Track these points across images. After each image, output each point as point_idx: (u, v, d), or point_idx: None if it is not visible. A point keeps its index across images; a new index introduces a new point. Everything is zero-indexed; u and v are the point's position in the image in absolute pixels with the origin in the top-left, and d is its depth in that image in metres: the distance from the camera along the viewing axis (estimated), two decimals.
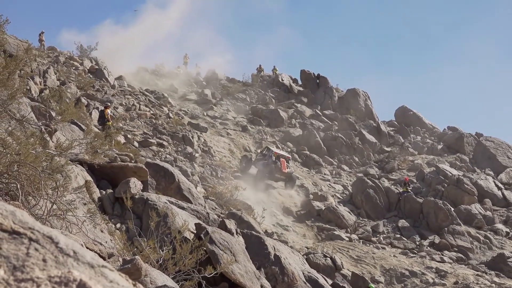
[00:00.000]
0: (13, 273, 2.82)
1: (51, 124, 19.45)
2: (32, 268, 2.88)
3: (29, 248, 3.00)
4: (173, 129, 50.22)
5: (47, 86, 39.53)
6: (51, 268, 2.90)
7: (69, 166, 13.76)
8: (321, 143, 60.94)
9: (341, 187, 51.86)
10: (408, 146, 64.94)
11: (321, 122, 68.04)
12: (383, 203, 45.52)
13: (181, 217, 18.42)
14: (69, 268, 2.94)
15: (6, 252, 2.94)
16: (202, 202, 25.46)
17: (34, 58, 16.77)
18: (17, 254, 2.94)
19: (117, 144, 29.71)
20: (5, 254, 2.92)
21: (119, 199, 18.85)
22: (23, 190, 11.43)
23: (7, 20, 14.98)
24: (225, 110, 67.69)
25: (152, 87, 68.13)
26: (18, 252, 2.96)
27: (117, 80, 60.72)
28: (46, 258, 2.96)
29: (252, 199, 41.05)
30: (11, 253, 2.94)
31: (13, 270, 2.84)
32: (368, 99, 76.87)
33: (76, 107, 33.90)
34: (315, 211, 42.93)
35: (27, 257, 2.94)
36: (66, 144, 14.47)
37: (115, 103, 50.32)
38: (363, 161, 60.47)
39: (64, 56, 59.51)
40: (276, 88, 78.67)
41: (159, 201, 19.04)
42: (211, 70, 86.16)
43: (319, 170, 56.01)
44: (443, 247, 39.45)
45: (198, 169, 43.58)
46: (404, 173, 56.37)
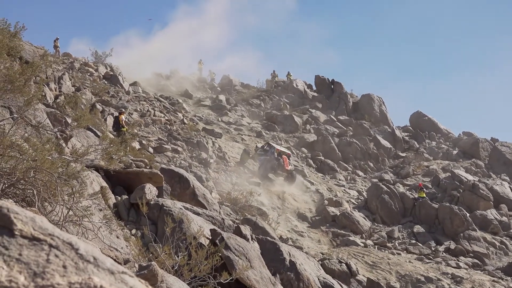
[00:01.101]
0: (33, 280, 2.83)
1: (67, 130, 19.51)
2: (53, 274, 2.88)
3: (49, 254, 3.01)
4: (188, 135, 50.26)
5: (62, 92, 39.62)
6: (71, 275, 2.91)
7: (85, 172, 13.80)
8: (336, 149, 60.85)
9: (356, 193, 51.73)
10: (423, 152, 64.77)
11: (336, 128, 67.98)
12: (398, 208, 45.38)
13: (196, 223, 18.41)
14: (90, 275, 2.94)
15: (27, 258, 2.95)
16: (217, 208, 25.45)
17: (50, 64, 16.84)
18: (37, 261, 2.95)
19: (132, 150, 29.77)
20: (25, 261, 2.93)
21: (134, 205, 18.86)
22: (39, 196, 11.46)
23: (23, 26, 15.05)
24: (240, 115, 67.73)
25: (166, 93, 68.28)
26: (39, 258, 2.97)
27: (131, 86, 60.86)
28: (66, 264, 2.97)
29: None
30: (31, 259, 2.95)
31: (33, 276, 2.85)
32: (382, 104, 76.79)
33: (91, 113, 34.01)
34: (330, 216, 42.83)
35: (47, 263, 2.95)
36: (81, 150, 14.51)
37: (129, 109, 50.45)
38: (378, 166, 60.36)
39: (79, 62, 59.76)
40: (291, 93, 78.65)
41: (174, 207, 19.03)
42: (226, 76, 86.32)
43: (334, 175, 55.91)
44: (459, 252, 39.27)
45: (213, 175, 43.57)
46: (419, 178, 56.19)
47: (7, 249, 2.98)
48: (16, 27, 14.94)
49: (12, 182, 11.34)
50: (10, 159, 11.35)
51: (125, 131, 32.19)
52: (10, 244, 3.01)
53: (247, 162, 50.26)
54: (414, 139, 69.53)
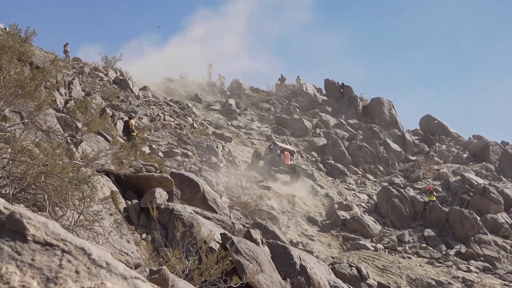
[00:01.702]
0: (46, 285, 2.84)
1: (77, 135, 19.55)
2: (65, 279, 2.89)
3: (61, 259, 3.02)
4: (198, 139, 50.29)
5: (72, 97, 39.73)
6: (84, 280, 2.92)
7: (95, 177, 13.82)
8: (346, 152, 60.82)
9: (366, 197, 51.68)
10: (433, 155, 64.67)
11: (346, 131, 67.96)
12: (409, 212, 45.30)
13: (207, 227, 18.41)
14: (102, 280, 2.95)
15: (39, 263, 2.96)
16: (227, 212, 25.43)
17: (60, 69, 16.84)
18: (50, 266, 2.96)
19: (142, 154, 29.81)
20: (38, 266, 2.94)
21: (144, 209, 18.88)
22: (50, 201, 11.49)
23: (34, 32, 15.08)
24: (250, 120, 67.77)
25: (176, 97, 68.36)
26: (51, 263, 2.98)
27: (141, 91, 60.95)
28: (79, 269, 2.98)
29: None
30: (44, 264, 2.96)
31: (46, 281, 2.86)
32: (392, 108, 76.70)
33: (101, 118, 34.05)
34: (340, 220, 42.79)
35: (60, 268, 2.96)
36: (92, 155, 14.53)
37: (139, 113, 50.52)
38: (388, 170, 60.27)
39: (89, 67, 59.85)
40: (300, 97, 78.70)
41: (184, 211, 19.04)
42: (235, 80, 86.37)
43: (344, 179, 55.87)
44: (470, 256, 39.15)
45: (223, 179, 43.57)
46: (430, 182, 56.10)
47: (20, 254, 2.99)
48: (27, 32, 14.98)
49: (23, 187, 11.37)
50: (21, 164, 11.38)
51: (135, 136, 32.23)
52: (23, 250, 3.02)
53: (258, 164, 51.30)
54: (424, 142, 69.47)
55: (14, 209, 3.19)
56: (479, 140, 69.72)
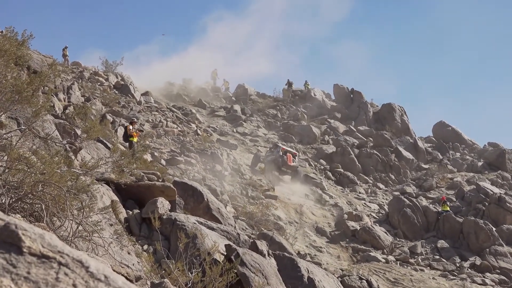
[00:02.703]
0: None
1: (76, 142, 19.57)
2: None
3: (58, 272, 3.01)
4: (202, 147, 50.27)
5: (71, 103, 39.79)
6: None
7: (95, 186, 13.82)
8: (356, 161, 60.73)
9: (376, 206, 51.58)
10: (446, 163, 64.49)
11: (356, 139, 67.84)
12: (421, 223, 45.20)
13: (211, 238, 18.39)
14: None
15: (35, 276, 2.95)
16: (232, 223, 25.43)
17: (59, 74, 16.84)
18: (46, 279, 2.95)
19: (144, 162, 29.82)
20: (34, 279, 2.93)
21: (146, 219, 18.87)
22: (48, 211, 11.47)
23: (31, 35, 15.10)
24: (255, 126, 67.75)
25: (179, 103, 68.40)
26: (47, 276, 2.97)
27: (143, 96, 60.99)
28: (76, 283, 2.97)
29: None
30: (40, 277, 2.95)
31: None
32: (404, 114, 76.56)
33: (101, 124, 34.08)
34: (349, 231, 42.72)
35: (57, 282, 2.95)
36: (91, 162, 14.53)
37: (141, 119, 50.55)
38: (400, 179, 60.15)
39: (89, 71, 59.94)
40: (308, 103, 78.63)
41: (187, 221, 19.02)
42: (241, 85, 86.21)
43: (354, 188, 55.78)
44: (485, 269, 39.02)
45: (228, 188, 43.55)
46: (443, 191, 55.94)
47: (15, 267, 2.98)
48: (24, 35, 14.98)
49: (20, 196, 11.37)
50: (18, 172, 11.38)
51: (134, 142, 32.18)
52: (18, 262, 3.01)
53: (258, 166, 52.18)
54: (437, 150, 69.28)
55: (9, 220, 3.18)
56: (494, 148, 69.51)
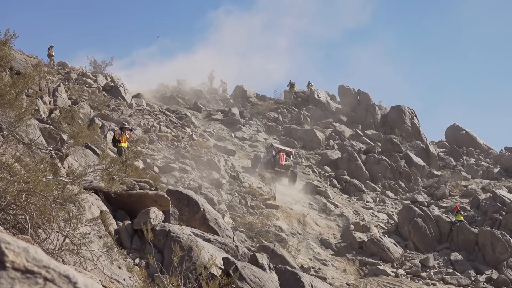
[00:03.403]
0: None
1: (63, 148, 19.56)
2: None
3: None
4: (197, 153, 50.25)
5: (58, 106, 39.77)
6: None
7: (83, 195, 13.83)
8: (363, 167, 60.69)
9: (385, 216, 51.54)
10: (460, 170, 64.42)
11: (363, 143, 67.79)
12: (433, 233, 45.17)
13: (207, 251, 18.41)
14: None
15: None
16: (230, 234, 25.45)
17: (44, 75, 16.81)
18: None
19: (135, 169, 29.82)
20: None
21: (138, 231, 18.89)
22: (32, 222, 11.48)
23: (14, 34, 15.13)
24: (255, 130, 67.73)
25: (173, 106, 68.41)
26: None
27: (134, 99, 61.01)
28: None
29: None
30: None
31: None
32: (415, 117, 76.47)
33: (90, 129, 34.08)
34: (356, 243, 42.69)
35: None
36: (79, 170, 14.55)
37: (132, 124, 50.53)
38: (410, 186, 60.10)
39: (76, 72, 59.83)
40: (312, 105, 78.56)
41: (182, 233, 19.04)
42: (239, 86, 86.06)
43: (361, 197, 55.73)
44: (502, 283, 38.98)
45: (226, 197, 43.56)
46: (457, 199, 55.89)
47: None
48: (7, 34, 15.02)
49: (2, 206, 11.37)
50: (0, 181, 11.39)
51: (124, 147, 32.13)
52: (1, 278, 3.02)
53: (258, 167, 53.08)
54: (450, 155, 69.20)
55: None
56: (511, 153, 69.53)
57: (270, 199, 46.32)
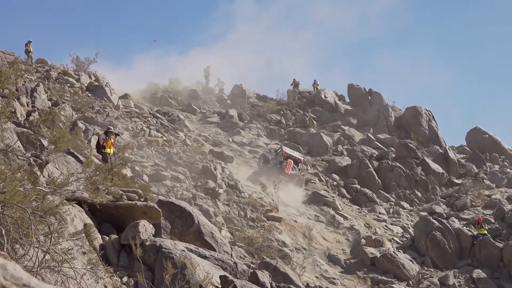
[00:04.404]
0: None
1: (42, 155, 19.59)
2: None
3: None
4: (191, 159, 50.26)
5: (36, 108, 39.78)
6: None
7: (65, 207, 13.84)
8: (375, 175, 60.64)
9: (400, 229, 51.51)
10: (483, 178, 64.33)
11: (374, 149, 67.70)
12: (454, 248, 45.15)
13: (203, 268, 18.43)
14: None
15: None
16: (228, 249, 25.46)
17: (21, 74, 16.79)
18: None
19: (123, 178, 29.83)
20: None
21: (126, 246, 18.90)
22: (9, 237, 11.50)
23: None
24: (255, 134, 67.69)
25: (165, 107, 68.40)
26: None
27: (121, 100, 60.98)
28: None
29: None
30: None
31: None
32: (432, 119, 76.34)
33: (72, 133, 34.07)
34: (368, 259, 42.66)
35: None
36: (60, 179, 14.57)
37: (119, 128, 50.50)
38: (428, 196, 60.06)
39: (57, 70, 59.63)
40: (318, 107, 78.50)
41: (175, 248, 19.06)
42: (238, 85, 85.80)
43: (373, 208, 55.66)
44: None
45: (223, 209, 43.57)
46: (479, 211, 55.84)
47: None
48: None
49: None
50: None
51: (109, 153, 32.16)
52: None
53: (266, 167, 54.08)
54: (472, 162, 69.10)
55: None
56: None
57: (272, 211, 46.25)
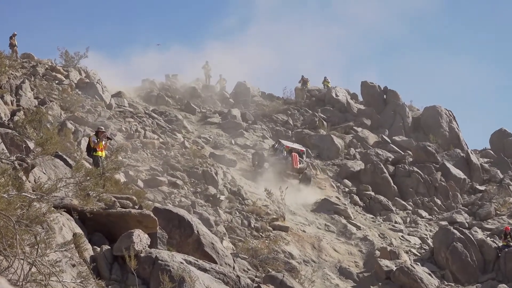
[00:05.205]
0: None
1: (28, 158, 19.61)
2: None
3: None
4: (191, 163, 50.22)
5: (22, 107, 39.80)
6: None
7: (53, 215, 13.85)
8: (391, 181, 60.56)
9: (418, 240, 51.44)
10: (508, 184, 64.24)
11: (390, 152, 67.56)
12: (476, 261, 45.07)
13: (203, 282, 18.45)
14: None
15: None
16: (230, 262, 25.47)
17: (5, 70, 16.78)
18: None
19: (116, 183, 29.84)
20: None
21: (119, 258, 18.91)
22: None
23: None
24: (260, 136, 67.60)
25: (161, 106, 68.39)
26: None
27: (114, 98, 60.94)
28: None
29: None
30: None
31: None
32: (453, 120, 76.24)
33: (60, 135, 34.12)
34: (383, 272, 42.61)
35: None
36: (48, 185, 14.59)
37: (112, 128, 50.48)
38: (448, 204, 59.99)
39: (44, 66, 59.58)
40: (329, 106, 78.37)
41: (172, 260, 19.07)
42: (241, 82, 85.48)
43: (388, 217, 55.57)
44: None
45: (225, 217, 43.56)
46: (504, 220, 55.78)
47: None
48: None
49: None
50: None
51: (101, 157, 32.18)
52: None
53: (261, 168, 54.10)
54: (496, 166, 68.95)
55: None
56: None
57: (279, 219, 46.19)
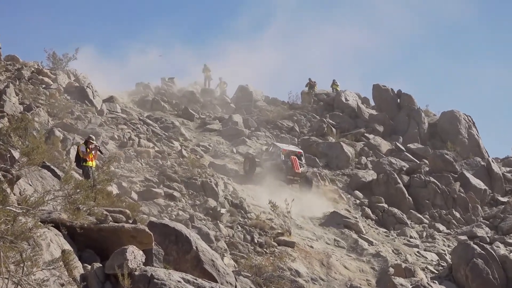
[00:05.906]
0: None
1: (13, 169, 19.61)
2: None
3: None
4: (189, 174, 50.19)
5: (6, 113, 39.83)
6: None
7: (40, 230, 13.85)
8: (405, 192, 60.48)
9: (435, 256, 51.34)
10: None
11: (404, 161, 67.53)
12: (499, 279, 44.97)
13: None
14: None
15: None
16: (231, 280, 25.46)
17: None
18: None
19: (108, 196, 29.82)
20: None
21: (111, 276, 18.89)
22: None
23: None
24: (264, 144, 67.52)
25: (157, 112, 68.40)
26: None
27: (106, 103, 60.95)
28: None
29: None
30: None
31: None
32: (473, 126, 76.15)
33: (48, 143, 34.12)
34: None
35: None
36: (34, 197, 14.59)
37: (103, 136, 50.46)
38: (467, 217, 59.91)
39: (30, 69, 59.55)
40: (338, 111, 78.34)
41: (169, 279, 19.06)
42: (243, 86, 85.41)
43: (403, 231, 55.47)
44: None
45: (226, 232, 43.52)
46: None
47: None
48: None
49: None
50: None
51: (91, 167, 32.18)
52: None
53: (253, 172, 54.56)
54: None
55: None
56: None
57: (284, 234, 46.12)
